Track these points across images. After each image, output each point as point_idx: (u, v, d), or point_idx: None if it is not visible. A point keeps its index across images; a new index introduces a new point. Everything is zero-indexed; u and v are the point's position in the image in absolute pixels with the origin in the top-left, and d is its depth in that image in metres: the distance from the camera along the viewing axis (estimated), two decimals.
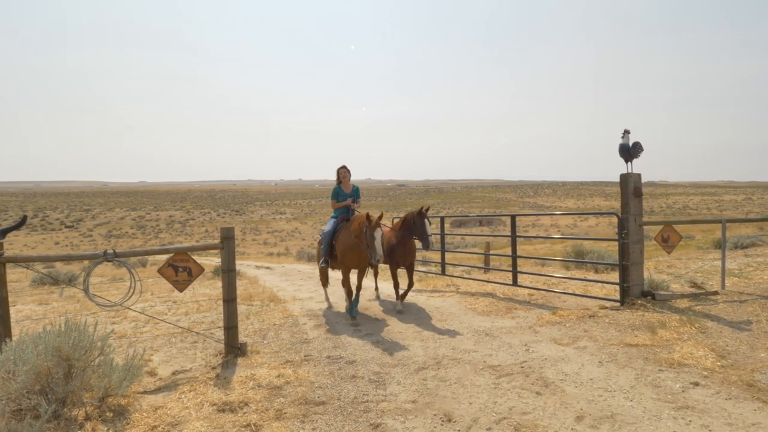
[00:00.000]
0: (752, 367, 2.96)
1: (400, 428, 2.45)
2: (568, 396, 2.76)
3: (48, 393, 2.45)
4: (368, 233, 4.71)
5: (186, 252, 3.77)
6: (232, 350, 3.77)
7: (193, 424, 2.50)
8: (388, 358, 3.62)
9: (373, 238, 4.65)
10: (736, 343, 3.43)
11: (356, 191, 5.87)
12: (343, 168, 5.82)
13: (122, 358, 2.88)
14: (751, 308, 4.32)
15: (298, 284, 9.43)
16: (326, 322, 5.10)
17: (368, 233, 4.71)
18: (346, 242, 5.14)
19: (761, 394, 2.60)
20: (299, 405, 2.75)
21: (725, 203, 79.34)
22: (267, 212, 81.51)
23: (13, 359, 2.42)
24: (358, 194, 5.89)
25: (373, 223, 4.72)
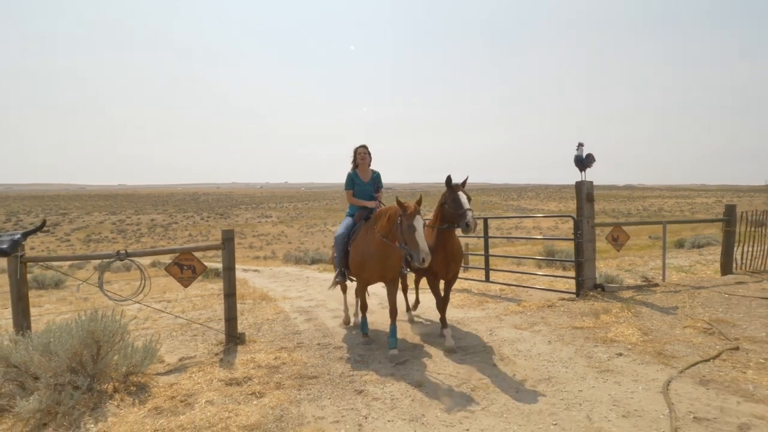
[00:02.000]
0: (665, 341, 3.63)
1: (380, 392, 3.00)
2: (518, 366, 3.37)
3: (80, 371, 2.91)
4: (404, 224, 3.43)
5: (190, 252, 4.24)
6: (232, 339, 4.24)
7: (205, 395, 2.99)
8: (371, 344, 4.16)
9: (412, 229, 3.36)
10: (660, 324, 4.11)
11: (377, 179, 4.58)
12: (362, 148, 4.49)
13: (139, 344, 3.35)
14: (681, 297, 5.04)
15: (286, 285, 9.89)
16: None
17: (404, 224, 3.43)
18: (367, 248, 3.88)
19: (666, 359, 3.25)
20: (295, 379, 3.26)
21: (697, 205, 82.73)
22: (252, 216, 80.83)
23: (51, 342, 2.87)
24: (380, 183, 4.63)
25: (410, 210, 3.45)
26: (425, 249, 3.33)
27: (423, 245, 3.34)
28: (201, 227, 65.35)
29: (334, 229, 58.66)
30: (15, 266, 3.56)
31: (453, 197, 3.82)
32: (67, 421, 2.57)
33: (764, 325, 3.88)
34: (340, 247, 4.30)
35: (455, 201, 3.79)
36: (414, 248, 3.36)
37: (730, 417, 2.39)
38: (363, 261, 3.91)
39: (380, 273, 3.90)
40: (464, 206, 3.70)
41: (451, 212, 3.82)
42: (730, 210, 6.56)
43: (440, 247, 4.01)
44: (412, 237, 3.38)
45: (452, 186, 3.92)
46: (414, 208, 3.48)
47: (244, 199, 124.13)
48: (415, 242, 3.35)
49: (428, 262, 3.32)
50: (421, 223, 3.44)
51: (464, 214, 3.67)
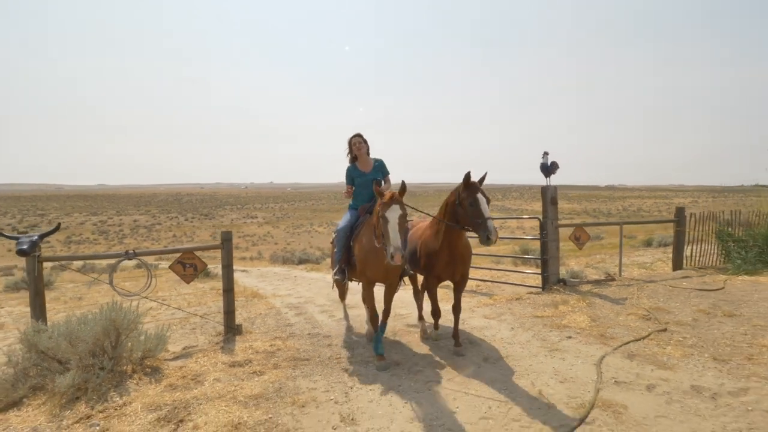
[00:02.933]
0: (609, 326, 4.25)
1: (363, 370, 3.51)
2: (482, 348, 3.93)
3: (102, 355, 3.33)
4: (379, 214, 3.13)
5: (192, 251, 4.67)
6: (230, 330, 4.68)
7: (212, 374, 3.44)
8: (358, 332, 4.67)
9: (385, 220, 3.05)
10: (608, 312, 4.75)
11: (380, 167, 4.17)
12: (356, 137, 4.10)
13: (151, 332, 3.77)
14: (631, 289, 5.71)
15: (275, 284, 10.28)
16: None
17: (379, 214, 3.13)
18: (368, 244, 3.52)
19: (606, 340, 3.87)
20: (290, 361, 3.74)
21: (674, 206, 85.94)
22: (237, 216, 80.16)
23: (77, 329, 3.28)
24: (385, 170, 4.20)
25: (385, 198, 3.13)
26: (396, 243, 2.95)
27: (394, 239, 2.96)
28: (185, 228, 64.56)
29: (320, 230, 58.81)
30: (33, 265, 3.93)
31: (472, 200, 3.29)
32: (96, 395, 3.00)
33: (693, 311, 4.55)
34: (342, 242, 3.90)
35: (474, 206, 3.27)
36: (386, 241, 3.03)
37: (643, 380, 2.99)
38: (365, 257, 3.57)
39: (381, 272, 3.53)
40: (485, 214, 3.22)
41: (468, 218, 3.32)
42: (680, 212, 7.31)
43: (445, 246, 3.62)
44: (385, 229, 3.05)
45: (471, 186, 3.37)
46: (390, 196, 3.12)
47: (229, 199, 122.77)
48: (387, 234, 3.02)
49: (398, 260, 2.93)
50: (397, 214, 3.07)
51: (485, 224, 3.18)
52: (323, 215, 75.82)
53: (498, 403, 2.81)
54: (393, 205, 3.10)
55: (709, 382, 2.90)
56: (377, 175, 4.14)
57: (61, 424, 2.69)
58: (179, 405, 2.88)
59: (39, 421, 2.73)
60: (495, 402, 2.82)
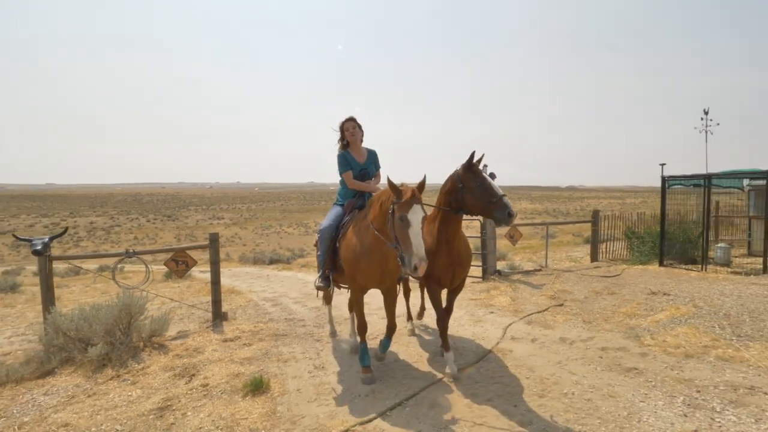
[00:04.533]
0: (523, 304, 5.50)
1: (331, 341, 4.51)
2: (423, 322, 5.03)
3: (118, 333, 4.12)
4: (396, 216, 2.67)
5: (184, 250, 5.47)
6: (217, 317, 5.53)
7: (210, 347, 4.32)
8: (326, 316, 5.66)
9: (405, 223, 2.61)
10: (526, 294, 6.02)
11: (373, 159, 3.79)
12: (350, 121, 3.68)
13: (157, 315, 4.58)
14: (551, 277, 7.06)
15: (249, 282, 11.00)
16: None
17: (396, 216, 2.67)
18: (360, 244, 3.10)
19: (517, 313, 5.09)
20: (272, 336, 4.68)
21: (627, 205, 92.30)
22: (203, 217, 78.00)
23: (98, 313, 4.06)
24: (377, 163, 3.82)
25: (406, 196, 2.67)
26: (420, 252, 2.51)
27: (418, 247, 2.52)
28: (147, 230, 62.25)
29: (290, 230, 58.62)
30: (44, 264, 4.63)
31: (480, 182, 2.99)
32: (118, 363, 3.81)
33: (587, 292, 5.90)
34: (325, 244, 3.47)
35: (483, 187, 2.97)
36: (406, 249, 2.56)
37: (530, 336, 4.21)
38: (356, 259, 3.08)
39: (377, 277, 3.11)
40: (498, 192, 2.92)
41: (478, 202, 2.97)
42: (595, 214, 8.84)
43: (443, 245, 3.26)
44: (404, 234, 2.58)
45: (475, 167, 3.07)
46: (411, 194, 2.66)
47: (193, 199, 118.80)
48: (408, 241, 2.56)
49: (422, 271, 2.50)
50: (420, 216, 2.62)
51: (501, 200, 2.88)
52: (293, 216, 75.42)
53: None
54: (415, 204, 2.64)
55: (572, 335, 4.15)
56: (370, 167, 3.71)
57: (97, 381, 3.50)
58: (188, 366, 3.76)
59: (78, 381, 3.53)
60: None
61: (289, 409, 2.86)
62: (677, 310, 4.54)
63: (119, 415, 2.88)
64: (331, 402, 2.98)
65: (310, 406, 2.91)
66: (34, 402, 3.15)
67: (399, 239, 2.65)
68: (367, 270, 3.11)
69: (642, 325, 4.24)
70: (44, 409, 3.02)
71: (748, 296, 4.81)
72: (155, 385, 3.41)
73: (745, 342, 3.56)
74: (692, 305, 4.64)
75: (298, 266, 14.14)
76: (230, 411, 2.86)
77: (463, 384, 3.20)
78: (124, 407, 3.01)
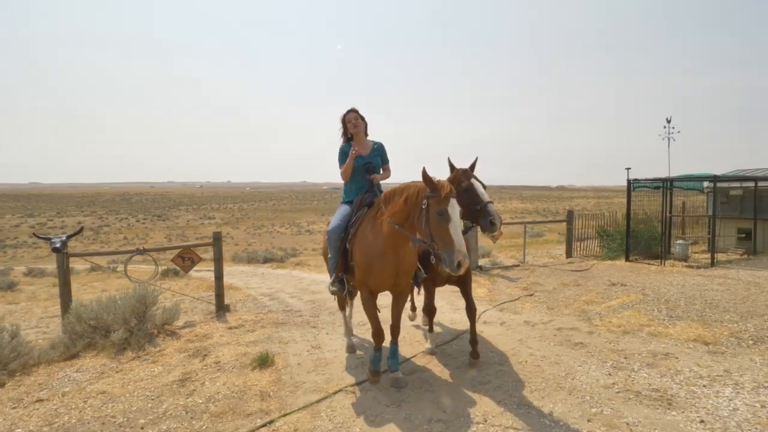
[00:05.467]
0: (498, 294, 6.13)
1: (327, 327, 5.06)
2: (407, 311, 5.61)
3: (134, 322, 4.63)
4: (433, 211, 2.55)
5: (190, 248, 5.98)
6: (221, 308, 6.04)
7: (217, 333, 4.84)
8: (321, 307, 6.22)
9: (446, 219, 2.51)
10: (502, 286, 6.65)
11: (380, 151, 3.60)
12: (352, 113, 3.54)
13: (169, 306, 5.08)
14: (526, 272, 7.71)
15: (245, 280, 11.48)
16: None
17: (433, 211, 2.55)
18: (373, 245, 2.97)
19: (492, 302, 5.71)
20: (272, 324, 5.22)
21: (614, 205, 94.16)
22: (194, 217, 77.56)
23: (114, 305, 4.56)
24: (385, 156, 3.64)
25: (445, 191, 2.57)
26: (463, 248, 2.46)
27: (460, 242, 2.46)
28: (137, 230, 61.83)
29: (282, 230, 58.80)
30: (62, 260, 5.11)
31: (466, 186, 2.94)
32: (137, 346, 4.32)
33: (557, 284, 6.56)
34: (335, 245, 3.29)
35: (470, 192, 2.92)
36: (446, 246, 2.47)
37: (500, 320, 4.83)
38: (368, 263, 2.96)
39: (391, 280, 2.97)
40: (484, 198, 2.90)
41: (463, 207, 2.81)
42: (569, 214, 9.54)
43: None
44: (445, 230, 2.49)
45: (460, 171, 3.01)
46: (450, 190, 2.57)
47: (183, 199, 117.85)
48: (449, 238, 2.47)
49: (465, 267, 2.46)
50: (458, 211, 2.57)
51: (486, 208, 2.86)
52: (285, 216, 75.48)
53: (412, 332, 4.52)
54: (452, 199, 2.55)
55: (535, 319, 4.79)
56: (375, 160, 3.52)
57: (120, 361, 4.01)
58: (200, 348, 4.29)
59: (104, 362, 4.03)
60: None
61: (291, 378, 3.42)
62: (628, 297, 5.21)
63: (147, 385, 3.41)
64: (327, 372, 3.54)
65: (309, 375, 3.47)
66: (69, 378, 3.65)
67: (436, 236, 2.52)
68: (380, 272, 2.92)
69: (595, 310, 4.90)
70: (80, 383, 3.52)
71: (690, 285, 5.51)
72: (173, 363, 3.93)
73: (674, 321, 4.22)
74: (641, 293, 5.31)
75: (292, 264, 14.64)
76: (242, 380, 3.41)
77: (438, 356, 3.80)
78: (150, 380, 3.53)
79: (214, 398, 3.11)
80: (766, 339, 3.60)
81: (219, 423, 2.76)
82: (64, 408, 3.04)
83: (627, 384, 2.96)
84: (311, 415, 2.78)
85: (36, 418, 2.90)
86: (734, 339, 3.64)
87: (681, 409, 2.57)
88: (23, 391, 3.39)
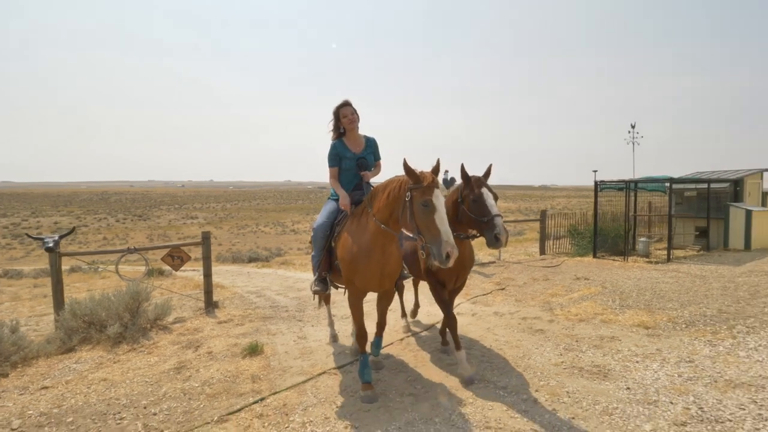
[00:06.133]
0: (473, 288, 6.57)
1: (312, 320, 5.40)
2: None
3: (128, 317, 4.87)
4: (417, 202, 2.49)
5: (179, 247, 6.22)
6: (210, 305, 6.30)
7: (208, 327, 5.13)
8: (306, 303, 6.55)
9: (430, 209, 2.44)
10: (477, 282, 7.11)
11: (373, 147, 3.45)
12: (347, 107, 3.31)
13: (160, 302, 5.33)
14: (501, 268, 8.20)
15: (231, 279, 11.67)
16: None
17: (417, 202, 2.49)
18: (359, 243, 2.89)
19: (467, 296, 6.14)
20: (260, 318, 5.52)
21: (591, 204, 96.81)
22: (176, 217, 76.20)
23: (107, 302, 4.80)
24: (377, 152, 3.49)
25: (427, 180, 2.51)
26: (450, 239, 2.35)
27: (447, 233, 2.36)
28: (117, 230, 60.44)
29: (267, 230, 58.40)
30: (55, 260, 5.30)
31: (475, 196, 2.91)
32: (132, 340, 4.57)
33: (527, 279, 7.05)
34: (320, 243, 3.23)
35: (478, 203, 2.89)
36: (432, 238, 2.38)
37: (471, 311, 5.26)
38: (353, 262, 2.88)
39: (377, 279, 2.90)
40: (492, 210, 2.84)
41: (470, 218, 2.91)
42: (542, 213, 10.11)
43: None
44: (430, 221, 2.40)
45: (472, 179, 3.00)
46: (432, 179, 2.50)
47: (164, 198, 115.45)
48: (435, 228, 2.38)
49: (454, 259, 2.34)
50: (443, 200, 2.50)
51: (492, 222, 2.80)
52: (269, 215, 74.89)
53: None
54: (436, 189, 2.49)
55: (504, 310, 5.25)
56: (368, 157, 3.36)
57: (117, 353, 4.27)
58: (193, 341, 4.57)
59: (101, 354, 4.28)
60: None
61: (279, 363, 3.76)
62: (588, 290, 5.73)
63: (145, 373, 3.69)
64: (312, 358, 3.90)
65: (296, 361, 3.82)
66: (69, 368, 3.90)
67: (422, 228, 2.44)
68: (366, 272, 2.85)
69: (558, 302, 5.39)
70: (81, 372, 3.78)
71: (645, 279, 6.07)
72: (168, 353, 4.22)
73: (624, 310, 4.74)
74: (601, 286, 5.84)
75: (278, 264, 14.87)
76: (234, 366, 3.73)
77: (412, 343, 4.20)
78: (147, 368, 3.82)
79: (209, 382, 3.43)
80: (697, 323, 4.13)
81: (215, 402, 3.08)
82: (69, 393, 3.30)
83: (574, 362, 3.42)
84: (298, 393, 3.14)
85: (44, 402, 3.15)
86: (671, 323, 4.16)
87: (614, 380, 3.04)
88: (27, 380, 3.63)
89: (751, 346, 3.44)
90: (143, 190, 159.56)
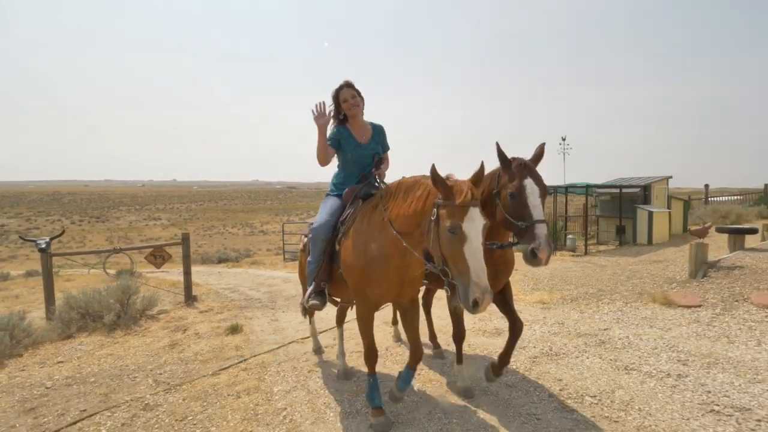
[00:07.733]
0: None
1: (284, 308, 6.33)
2: None
3: (119, 308, 5.60)
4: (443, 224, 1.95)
5: (162, 247, 6.95)
6: (189, 298, 7.07)
7: (191, 316, 5.93)
8: (277, 296, 7.45)
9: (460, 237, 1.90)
10: None
11: (380, 136, 2.95)
12: (349, 88, 2.79)
13: (148, 295, 6.07)
14: None
15: (203, 278, 12.23)
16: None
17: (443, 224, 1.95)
18: (372, 246, 2.37)
19: None
20: (237, 308, 6.38)
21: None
22: (137, 218, 73.28)
23: (100, 295, 5.52)
24: (386, 142, 3.01)
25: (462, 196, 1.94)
26: (482, 281, 1.83)
27: (478, 271, 1.84)
28: (73, 233, 57.52)
29: (234, 231, 57.60)
30: (46, 260, 5.94)
31: (513, 189, 2.24)
32: (125, 327, 5.32)
33: None
34: (320, 247, 2.71)
35: (517, 199, 2.23)
36: (459, 274, 1.89)
37: None
38: (366, 269, 2.38)
39: (395, 289, 2.42)
40: (534, 214, 2.17)
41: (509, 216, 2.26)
42: None
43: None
44: (458, 253, 1.89)
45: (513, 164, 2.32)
46: (470, 195, 1.94)
47: (124, 199, 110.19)
48: (463, 264, 1.87)
49: (484, 308, 1.83)
50: (480, 226, 1.92)
51: (533, 230, 2.16)
52: (237, 216, 73.68)
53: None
54: (472, 208, 1.93)
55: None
56: (377, 148, 2.90)
57: (114, 337, 5.02)
58: (180, 326, 5.39)
59: (99, 338, 5.02)
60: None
61: (257, 338, 4.69)
62: (512, 278, 7.01)
63: (144, 349, 4.51)
64: (284, 333, 4.86)
65: (270, 336, 4.77)
66: (76, 349, 4.64)
67: (449, 259, 1.92)
68: (382, 280, 2.34)
69: None
70: (88, 350, 4.54)
71: (559, 269, 7.45)
72: (160, 335, 5.03)
73: (533, 291, 6.04)
74: (522, 275, 7.15)
75: (248, 264, 15.51)
76: (219, 342, 4.62)
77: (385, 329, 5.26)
78: (145, 346, 4.63)
79: (200, 353, 4.31)
80: (579, 299, 5.45)
81: (207, 364, 3.98)
82: (84, 364, 4.09)
83: (481, 327, 4.60)
84: (273, 355, 4.11)
85: (65, 371, 3.93)
86: (561, 299, 5.46)
87: (504, 337, 4.21)
88: (41, 358, 4.35)
89: (605, 312, 4.76)
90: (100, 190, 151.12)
